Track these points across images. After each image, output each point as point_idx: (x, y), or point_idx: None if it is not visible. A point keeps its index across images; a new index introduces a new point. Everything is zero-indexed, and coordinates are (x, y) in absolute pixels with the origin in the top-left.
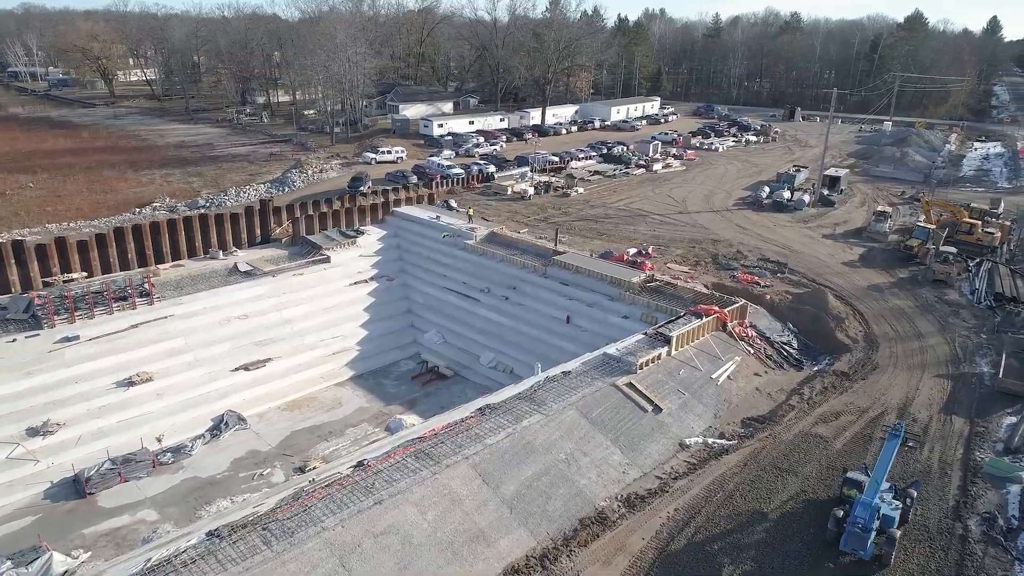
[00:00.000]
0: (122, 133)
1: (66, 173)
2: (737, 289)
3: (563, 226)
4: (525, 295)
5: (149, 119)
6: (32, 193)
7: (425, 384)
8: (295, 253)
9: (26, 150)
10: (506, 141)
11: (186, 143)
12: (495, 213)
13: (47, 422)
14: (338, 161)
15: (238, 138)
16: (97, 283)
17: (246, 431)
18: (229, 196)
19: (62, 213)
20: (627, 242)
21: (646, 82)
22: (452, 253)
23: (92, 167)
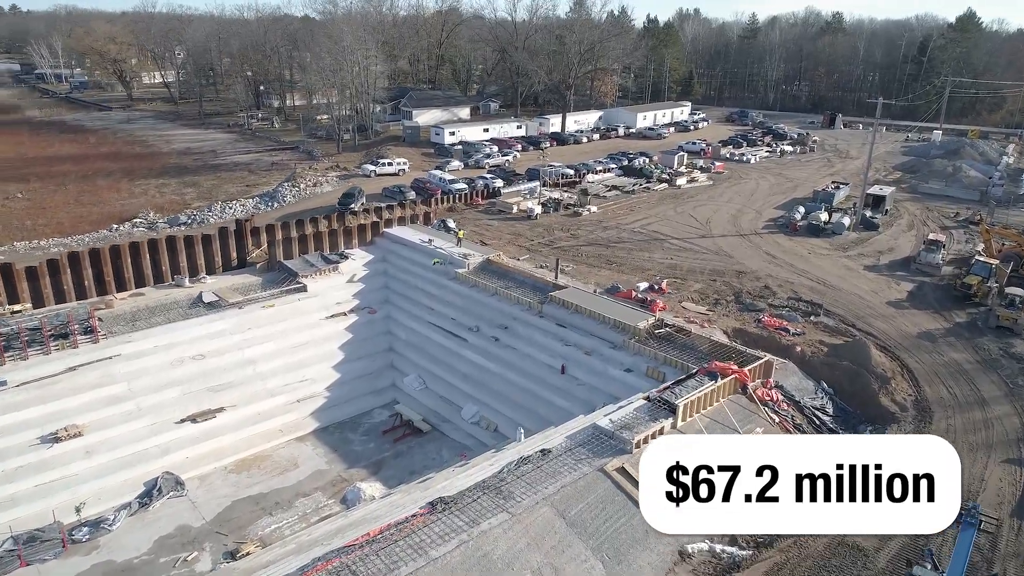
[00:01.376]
0: (129, 138)
1: (60, 182)
2: (762, 337)
3: (569, 252)
4: (517, 336)
5: (161, 124)
6: (17, 205)
7: (397, 441)
8: (269, 281)
9: (28, 156)
10: (521, 150)
11: (191, 150)
12: (496, 235)
13: None
14: (336, 173)
15: (245, 145)
16: (35, 318)
17: (181, 499)
18: (214, 212)
19: (40, 228)
20: (639, 273)
21: (676, 86)
22: (442, 283)
23: (88, 175)
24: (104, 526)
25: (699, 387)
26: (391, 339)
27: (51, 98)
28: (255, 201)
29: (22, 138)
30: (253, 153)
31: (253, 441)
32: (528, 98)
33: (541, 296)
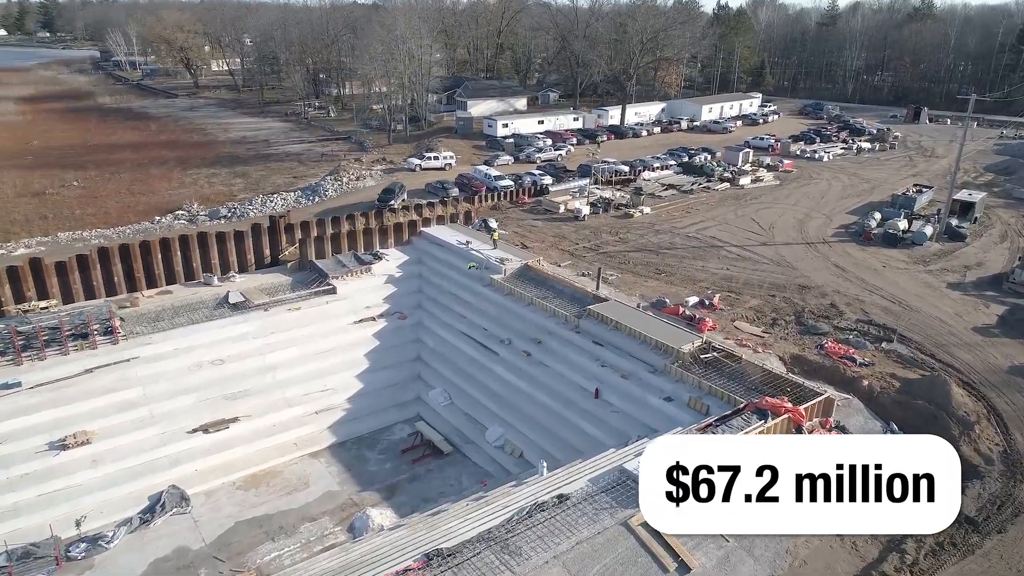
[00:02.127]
0: (189, 126)
1: (115, 170)
2: (823, 367)
3: (616, 258)
4: (551, 353)
5: (222, 112)
6: (71, 193)
7: (415, 462)
8: (299, 281)
9: (92, 143)
10: (576, 144)
11: (246, 139)
12: (539, 237)
13: None
14: (381, 167)
15: (299, 134)
16: (56, 316)
17: (184, 516)
18: (254, 205)
19: (87, 218)
20: (689, 285)
21: (746, 76)
22: (476, 289)
23: (143, 164)
24: (102, 543)
25: (746, 426)
26: (420, 348)
27: (124, 85)
28: (296, 195)
29: (89, 124)
30: (305, 143)
31: (265, 455)
32: (588, 88)
33: (579, 309)
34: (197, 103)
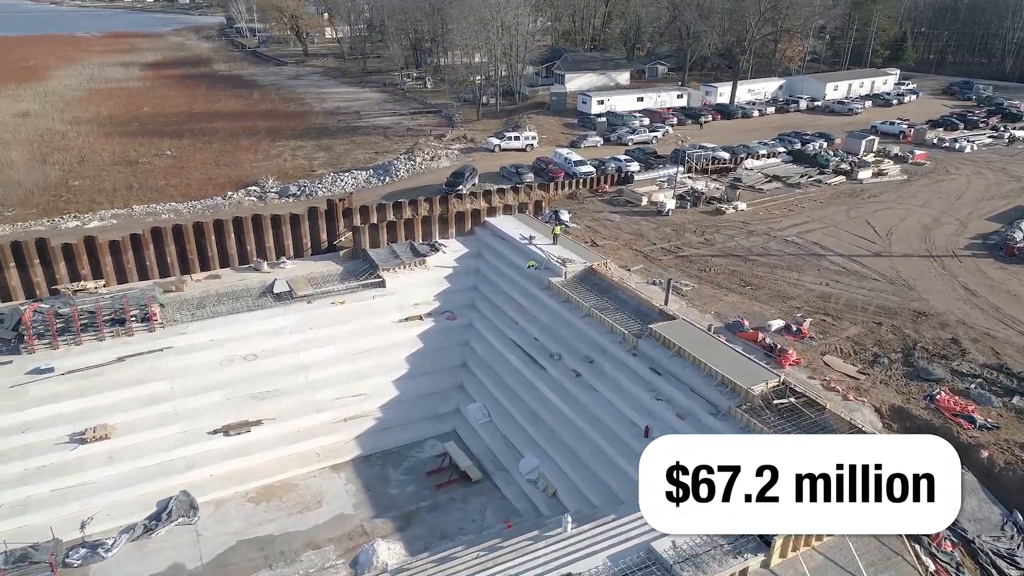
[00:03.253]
0: (289, 96)
1: (208, 140)
2: (930, 425)
3: (696, 264)
4: (602, 375)
5: (324, 81)
6: (162, 163)
7: (440, 488)
8: (349, 272)
9: (195, 111)
10: (677, 124)
11: (340, 109)
12: (613, 233)
13: None
14: (460, 146)
15: (392, 106)
16: (102, 298)
17: (190, 527)
18: (324, 184)
19: (167, 190)
20: (777, 303)
21: (883, 50)
22: (532, 293)
23: (236, 134)
24: (100, 551)
25: None
26: (466, 354)
27: (240, 52)
28: (368, 174)
29: (198, 92)
30: (396, 115)
31: (284, 464)
32: (698, 62)
33: (640, 327)
34: (303, 72)
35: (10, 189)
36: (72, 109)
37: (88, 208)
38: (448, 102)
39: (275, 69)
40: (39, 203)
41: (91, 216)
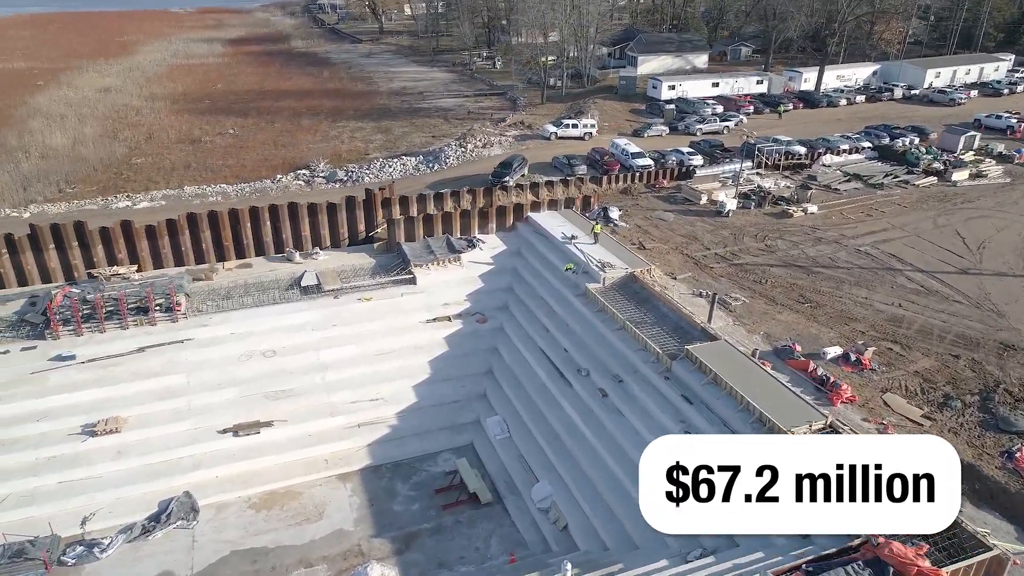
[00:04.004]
0: (358, 75)
1: (272, 119)
2: (1005, 491)
3: (751, 274)
4: (630, 399)
5: (395, 60)
6: (223, 142)
7: (446, 508)
8: (380, 266)
9: (265, 89)
10: (754, 113)
11: (406, 90)
12: (664, 235)
13: None
14: (515, 132)
15: (458, 87)
16: (126, 285)
17: (186, 532)
18: (372, 170)
19: (222, 171)
20: (838, 325)
21: (996, 33)
22: (566, 299)
23: (300, 113)
24: (96, 551)
25: None
26: (493, 360)
27: (319, 29)
28: (417, 160)
29: (271, 70)
30: (460, 97)
31: (290, 470)
32: (784, 45)
33: (678, 345)
34: (376, 50)
35: (77, 165)
36: (151, 85)
37: (144, 188)
38: (514, 84)
39: (350, 47)
40: (100, 180)
41: (143, 196)
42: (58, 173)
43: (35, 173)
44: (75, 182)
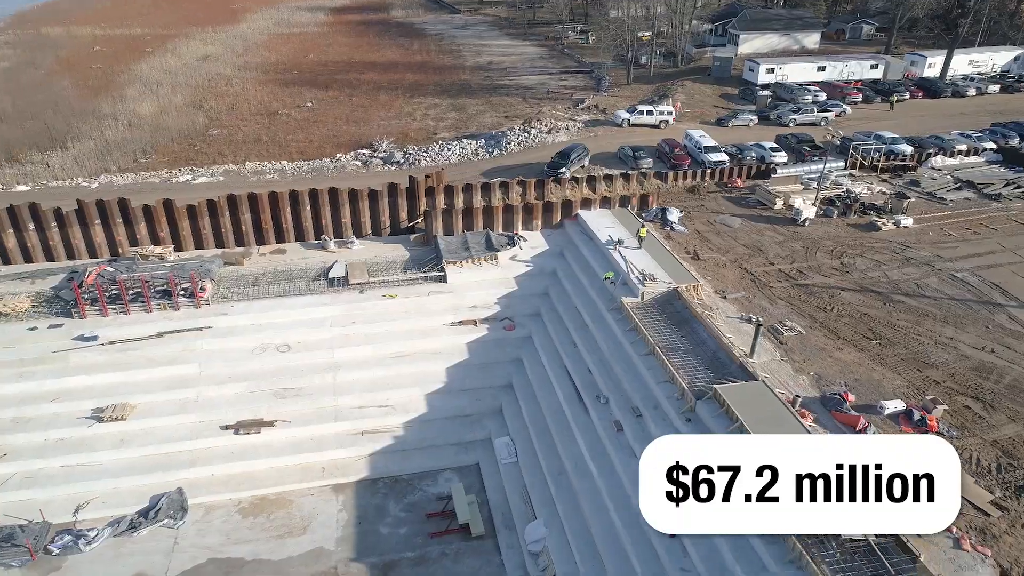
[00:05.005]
0: (448, 47)
1: (351, 93)
2: None
3: (817, 298)
4: (646, 437)
5: (488, 32)
6: (299, 116)
7: (433, 536)
8: (415, 260)
9: (354, 60)
10: (862, 102)
11: (491, 64)
12: (725, 244)
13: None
14: (587, 117)
15: (545, 63)
16: (158, 267)
17: (171, 531)
18: (430, 153)
19: (289, 146)
20: (909, 370)
21: None
22: (599, 312)
23: (381, 87)
24: (81, 543)
25: None
26: (516, 372)
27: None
28: (478, 144)
29: (364, 41)
30: (544, 75)
31: (285, 476)
32: (908, 24)
33: (708, 381)
34: (472, 21)
35: (158, 134)
36: (248, 54)
37: (211, 161)
38: (601, 62)
39: (447, 17)
40: (174, 151)
41: (204, 171)
42: (138, 142)
43: (118, 142)
44: (151, 152)
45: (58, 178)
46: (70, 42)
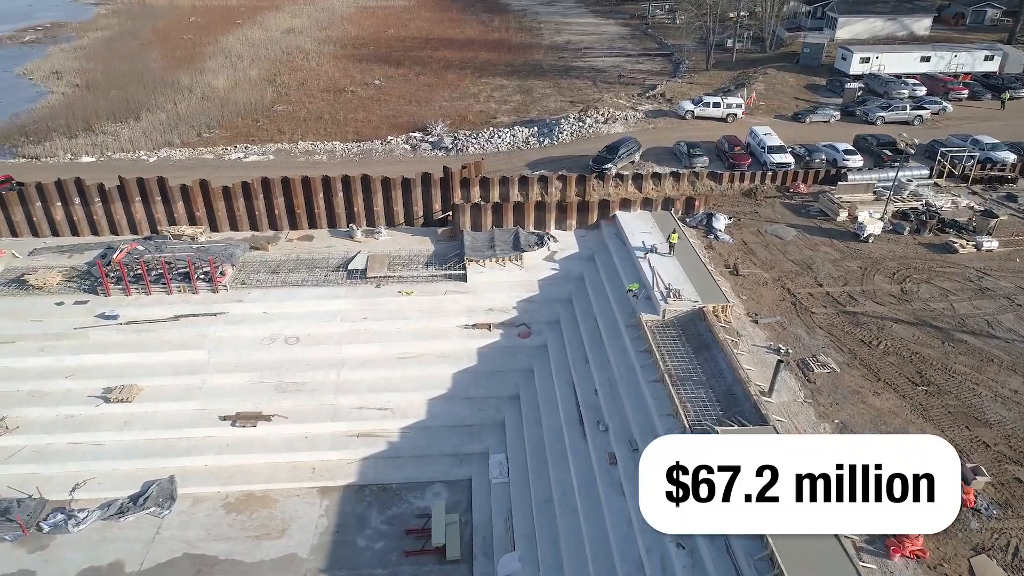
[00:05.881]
0: (528, 24)
1: (420, 71)
2: None
3: (864, 329)
4: (636, 477)
5: (573, 9)
6: (364, 93)
7: (408, 555)
8: (438, 255)
9: (432, 36)
10: (968, 99)
11: (569, 44)
12: (770, 259)
13: (2, 419)
14: (649, 106)
15: (625, 44)
16: (182, 248)
17: (155, 520)
18: (480, 139)
19: (350, 123)
20: (955, 426)
21: None
22: (617, 328)
23: (452, 65)
24: (70, 524)
25: None
26: (524, 382)
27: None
28: (529, 132)
29: (447, 16)
30: (620, 56)
31: (274, 473)
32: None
33: (715, 420)
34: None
35: (226, 108)
36: (331, 28)
37: (269, 139)
38: (682, 44)
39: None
40: (237, 127)
41: (258, 148)
42: (206, 117)
43: (188, 115)
44: (215, 127)
45: (124, 150)
46: (170, 12)
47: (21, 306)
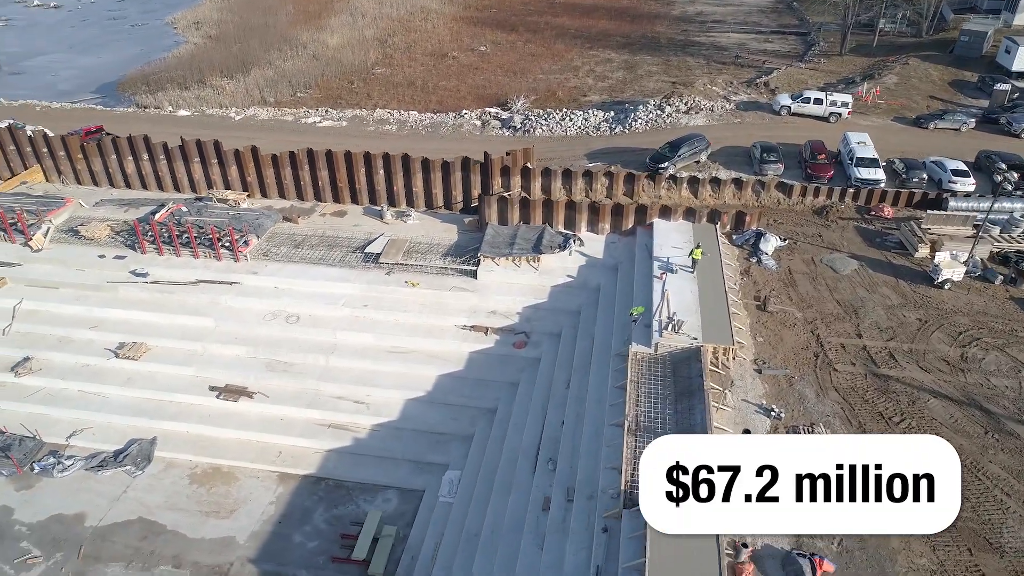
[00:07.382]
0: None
1: (530, 38)
2: None
3: (896, 400)
4: (561, 534)
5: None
6: (465, 60)
7: (335, 561)
8: (459, 247)
9: (552, 1)
10: None
11: (700, 15)
12: (814, 296)
13: (27, 359)
14: (743, 97)
15: (762, 18)
16: (218, 214)
17: (128, 479)
18: (551, 121)
19: (436, 92)
20: (958, 552)
21: None
22: (607, 354)
23: (563, 34)
24: (56, 469)
25: None
26: (505, 396)
27: None
28: (602, 117)
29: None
30: (752, 33)
31: (244, 451)
32: None
33: None
34: None
35: (329, 68)
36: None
37: (357, 103)
38: (823, 23)
39: None
40: (331, 88)
41: (336, 113)
42: (307, 75)
43: (292, 72)
44: (311, 87)
45: (223, 106)
46: None
47: (72, 255)
